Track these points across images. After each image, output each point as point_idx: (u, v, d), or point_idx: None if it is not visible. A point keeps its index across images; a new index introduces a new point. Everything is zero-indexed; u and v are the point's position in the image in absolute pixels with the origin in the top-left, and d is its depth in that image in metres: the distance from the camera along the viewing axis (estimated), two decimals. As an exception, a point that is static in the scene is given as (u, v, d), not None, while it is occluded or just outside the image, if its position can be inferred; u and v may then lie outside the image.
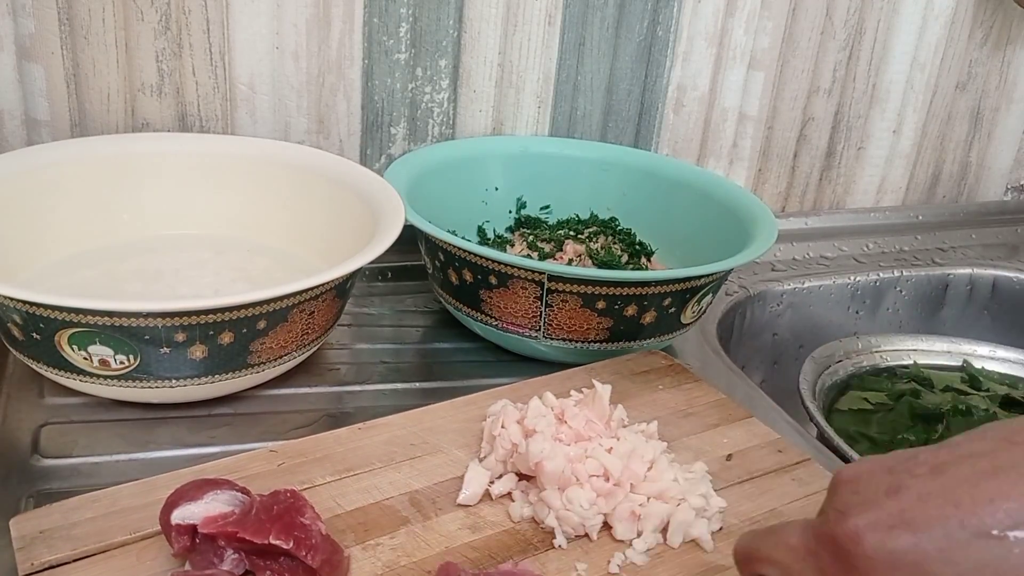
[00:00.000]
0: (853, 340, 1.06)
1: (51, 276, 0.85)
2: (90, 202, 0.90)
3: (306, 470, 0.67)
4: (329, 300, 0.78)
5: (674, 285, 0.84)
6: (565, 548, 0.63)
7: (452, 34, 1.03)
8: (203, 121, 0.98)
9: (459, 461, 0.69)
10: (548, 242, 1.01)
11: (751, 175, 1.25)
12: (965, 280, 1.27)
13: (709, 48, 1.15)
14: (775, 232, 0.91)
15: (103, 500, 0.62)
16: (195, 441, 0.74)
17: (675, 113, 1.17)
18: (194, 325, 0.69)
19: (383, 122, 1.04)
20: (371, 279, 1.02)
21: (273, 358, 0.76)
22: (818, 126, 1.27)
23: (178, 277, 0.88)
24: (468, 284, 0.86)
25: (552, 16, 1.06)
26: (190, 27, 0.94)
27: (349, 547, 0.60)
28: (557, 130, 1.13)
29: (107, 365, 0.71)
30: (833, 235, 1.29)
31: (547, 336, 0.86)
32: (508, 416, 0.69)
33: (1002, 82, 1.37)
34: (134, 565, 0.58)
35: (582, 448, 0.66)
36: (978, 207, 1.43)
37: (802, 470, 0.73)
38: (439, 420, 0.74)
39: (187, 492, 0.58)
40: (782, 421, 0.85)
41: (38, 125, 0.92)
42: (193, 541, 0.57)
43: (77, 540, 0.59)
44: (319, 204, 0.92)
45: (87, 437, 0.73)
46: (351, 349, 0.89)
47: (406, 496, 0.66)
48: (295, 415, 0.79)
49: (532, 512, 0.65)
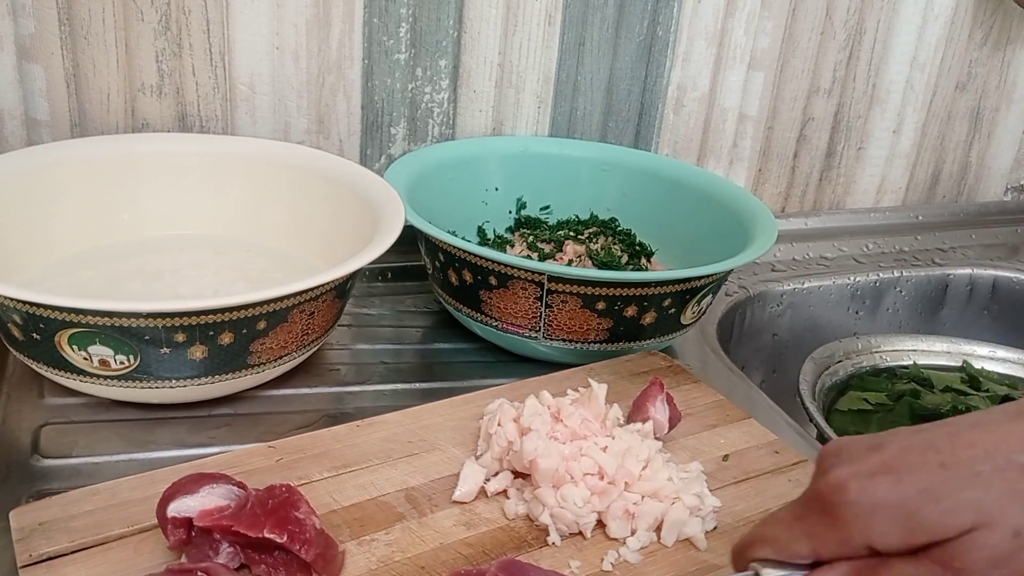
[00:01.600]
0: (853, 340, 1.06)
1: (51, 276, 0.86)
2: (90, 202, 0.90)
3: (304, 466, 0.68)
4: (329, 300, 0.78)
5: (674, 286, 0.84)
6: (559, 546, 0.63)
7: (452, 34, 1.04)
8: (203, 121, 0.98)
9: (456, 459, 0.70)
10: (548, 243, 1.01)
11: (751, 175, 1.25)
12: (965, 280, 1.27)
13: (709, 48, 1.15)
14: (775, 232, 0.91)
15: (102, 493, 0.63)
16: (195, 441, 0.74)
17: (675, 113, 1.17)
18: (194, 325, 0.70)
19: (383, 122, 1.05)
20: (371, 279, 1.02)
21: (273, 358, 0.76)
22: (818, 126, 1.28)
23: (178, 277, 0.88)
24: (468, 285, 0.86)
25: (552, 16, 1.06)
26: (190, 27, 0.94)
27: (344, 542, 0.61)
28: (557, 130, 1.13)
29: (107, 365, 0.71)
30: (833, 235, 1.29)
31: (547, 337, 0.86)
32: (504, 414, 0.70)
33: (1002, 82, 1.37)
34: (131, 558, 0.58)
35: (577, 446, 0.66)
36: (978, 207, 1.43)
37: (799, 471, 0.73)
38: (437, 418, 0.75)
39: (183, 486, 0.58)
40: (782, 421, 0.85)
41: (38, 125, 0.93)
42: (189, 534, 0.57)
43: (75, 532, 0.59)
44: (319, 204, 0.92)
45: (87, 437, 0.73)
46: (351, 349, 0.90)
47: (402, 493, 0.66)
48: (295, 415, 0.79)
49: (527, 509, 0.65)
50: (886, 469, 0.47)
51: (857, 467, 0.48)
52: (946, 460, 0.46)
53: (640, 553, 0.63)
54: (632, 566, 0.62)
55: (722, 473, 0.72)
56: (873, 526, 0.47)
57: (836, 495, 0.47)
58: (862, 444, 0.49)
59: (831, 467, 0.49)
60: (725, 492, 0.69)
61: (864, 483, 0.47)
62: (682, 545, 0.64)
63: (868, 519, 0.47)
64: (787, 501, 0.68)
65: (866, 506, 0.47)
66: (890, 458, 0.47)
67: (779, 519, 0.51)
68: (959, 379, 1.04)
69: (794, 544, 0.50)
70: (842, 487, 0.47)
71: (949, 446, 0.47)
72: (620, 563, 0.62)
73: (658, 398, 0.73)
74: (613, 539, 0.64)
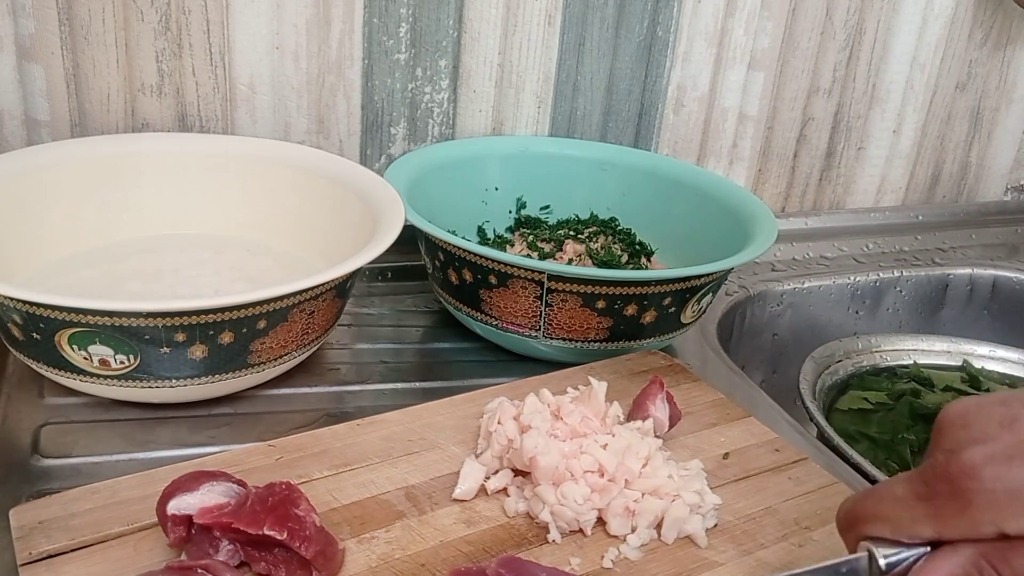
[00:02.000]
0: (853, 340, 1.06)
1: (51, 276, 0.86)
2: (90, 202, 0.90)
3: (304, 464, 0.68)
4: (329, 300, 0.78)
5: (674, 285, 0.84)
6: (559, 543, 0.63)
7: (452, 34, 1.04)
8: (203, 121, 0.98)
9: (456, 457, 0.70)
10: (548, 242, 1.01)
11: (751, 175, 1.25)
12: (965, 280, 1.27)
13: (709, 48, 1.15)
14: (775, 232, 0.91)
15: (102, 492, 0.63)
16: (195, 441, 0.74)
17: (675, 113, 1.17)
18: (194, 325, 0.70)
19: (383, 122, 1.05)
20: (371, 279, 1.02)
21: (273, 358, 0.76)
22: (818, 126, 1.28)
23: (178, 277, 0.88)
24: (468, 284, 0.86)
25: (552, 16, 1.06)
26: (190, 27, 0.94)
27: (344, 540, 0.61)
28: (557, 130, 1.13)
29: (107, 365, 0.71)
30: (833, 235, 1.29)
31: (547, 336, 0.86)
32: (504, 412, 0.70)
33: (1002, 82, 1.37)
34: (131, 556, 0.58)
35: (577, 444, 0.66)
36: (978, 207, 1.43)
37: (799, 469, 0.73)
38: (437, 417, 0.75)
39: (183, 483, 0.58)
40: (782, 420, 0.85)
41: (38, 125, 0.93)
42: (189, 532, 0.57)
43: (75, 531, 0.59)
44: (319, 204, 0.92)
45: (87, 437, 0.73)
46: (351, 349, 0.90)
47: (402, 491, 0.66)
48: (295, 415, 0.79)
49: (527, 507, 0.65)
50: (1022, 452, 0.44)
51: (991, 448, 0.45)
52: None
53: (640, 550, 0.63)
54: (632, 563, 0.62)
55: (722, 471, 0.72)
56: (1007, 512, 0.44)
57: (969, 480, 0.45)
58: (993, 417, 0.46)
59: (960, 444, 0.46)
60: (726, 490, 0.69)
61: (1000, 468, 0.44)
62: (683, 542, 0.64)
63: (1003, 505, 0.44)
64: (788, 499, 0.69)
65: (1002, 493, 0.44)
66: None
67: (898, 497, 0.48)
68: (959, 379, 1.04)
69: (916, 525, 0.47)
70: (976, 472, 0.45)
71: None
72: (620, 560, 0.62)
73: (658, 396, 0.73)
74: (613, 536, 0.64)
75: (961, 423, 0.47)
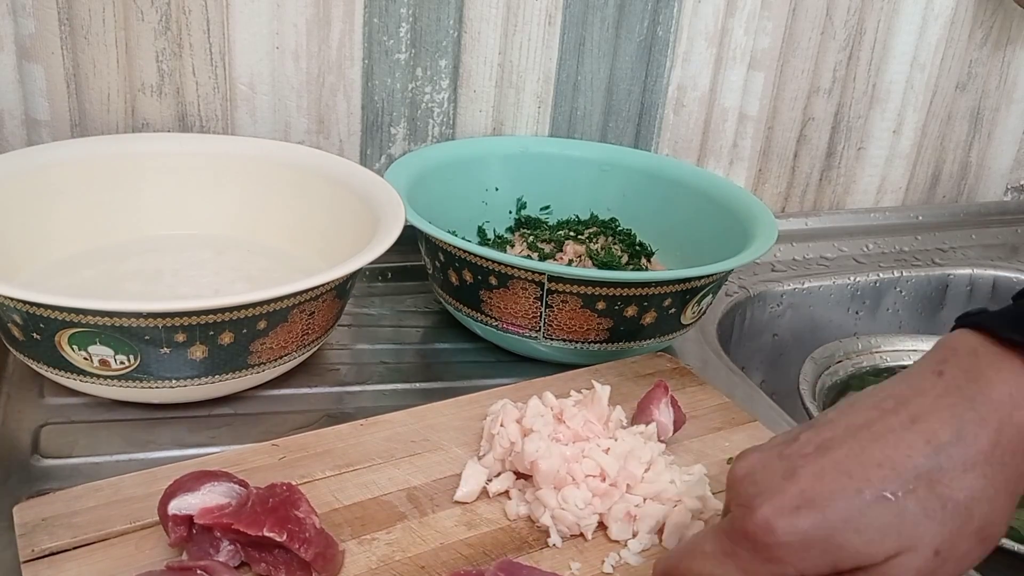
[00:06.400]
0: (853, 340, 1.06)
1: (51, 276, 0.86)
2: (90, 202, 0.90)
3: (306, 464, 0.68)
4: (329, 300, 0.78)
5: (674, 286, 0.84)
6: (560, 547, 0.63)
7: (452, 34, 1.04)
8: (203, 121, 0.98)
9: (459, 459, 0.70)
10: (548, 243, 1.01)
11: (751, 175, 1.25)
12: (965, 280, 1.27)
13: (709, 48, 1.15)
14: (775, 232, 0.91)
15: (105, 489, 0.63)
16: (195, 441, 0.74)
17: (675, 113, 1.17)
18: (194, 325, 0.70)
19: (383, 122, 1.05)
20: (371, 279, 1.02)
21: (273, 358, 0.76)
22: (818, 126, 1.28)
23: (178, 277, 0.88)
24: (468, 284, 0.86)
25: (552, 16, 1.06)
26: (190, 27, 0.94)
27: (345, 541, 0.61)
28: (557, 130, 1.13)
29: (107, 365, 0.71)
30: (833, 235, 1.29)
31: (547, 336, 0.86)
32: (507, 415, 0.70)
33: (1002, 82, 1.37)
34: (132, 554, 0.59)
35: (579, 448, 0.66)
36: (978, 207, 1.43)
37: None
38: (441, 418, 0.74)
39: (185, 483, 0.58)
40: (782, 422, 0.85)
41: (38, 125, 0.93)
42: (190, 532, 0.57)
43: (78, 528, 0.60)
44: (319, 204, 0.92)
45: (87, 437, 0.73)
46: (351, 349, 0.90)
47: (404, 492, 0.66)
48: (295, 415, 0.79)
49: (528, 511, 0.65)
50: (807, 502, 0.48)
51: (779, 501, 0.48)
52: (860, 485, 0.48)
53: (641, 556, 0.63)
54: (633, 568, 0.62)
55: (726, 476, 0.72)
56: (805, 560, 0.48)
57: (766, 536, 0.48)
58: (775, 470, 0.50)
59: (752, 500, 0.49)
60: (728, 494, 0.69)
61: (790, 520, 0.48)
62: (684, 547, 0.64)
63: (800, 554, 0.48)
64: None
65: (796, 544, 0.48)
66: (808, 487, 0.48)
67: (708, 554, 0.52)
68: (959, 379, 1.04)
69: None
70: (770, 527, 0.48)
71: (859, 468, 0.48)
72: (621, 565, 0.62)
73: (662, 400, 0.73)
74: (614, 541, 0.64)
75: (750, 480, 0.51)
